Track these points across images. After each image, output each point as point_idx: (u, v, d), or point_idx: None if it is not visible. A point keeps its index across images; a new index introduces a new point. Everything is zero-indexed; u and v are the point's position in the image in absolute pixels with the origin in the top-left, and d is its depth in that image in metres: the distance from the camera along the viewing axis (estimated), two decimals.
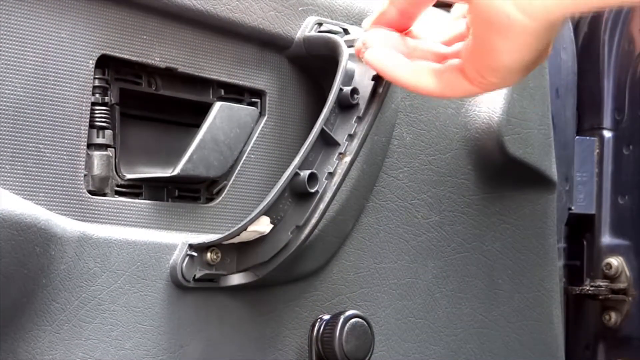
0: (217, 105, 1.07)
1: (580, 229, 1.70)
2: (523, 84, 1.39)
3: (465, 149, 1.33)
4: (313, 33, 1.13)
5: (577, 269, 1.71)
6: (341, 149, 1.03)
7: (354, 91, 1.05)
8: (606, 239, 1.70)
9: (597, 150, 1.71)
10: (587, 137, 1.71)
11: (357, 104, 1.05)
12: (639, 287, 1.68)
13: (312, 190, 1.01)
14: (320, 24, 1.14)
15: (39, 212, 0.90)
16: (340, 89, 1.04)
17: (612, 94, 1.76)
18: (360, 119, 1.04)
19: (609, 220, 1.70)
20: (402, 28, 0.92)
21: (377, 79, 1.03)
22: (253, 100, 1.13)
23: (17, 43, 0.93)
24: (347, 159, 1.03)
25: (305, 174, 1.01)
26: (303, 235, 1.02)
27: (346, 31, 1.13)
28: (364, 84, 1.07)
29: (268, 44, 1.12)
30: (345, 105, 1.05)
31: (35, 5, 0.94)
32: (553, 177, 1.44)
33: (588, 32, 1.81)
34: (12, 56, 0.92)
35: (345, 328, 1.09)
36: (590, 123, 1.74)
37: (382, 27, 0.92)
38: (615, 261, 1.68)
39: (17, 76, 0.93)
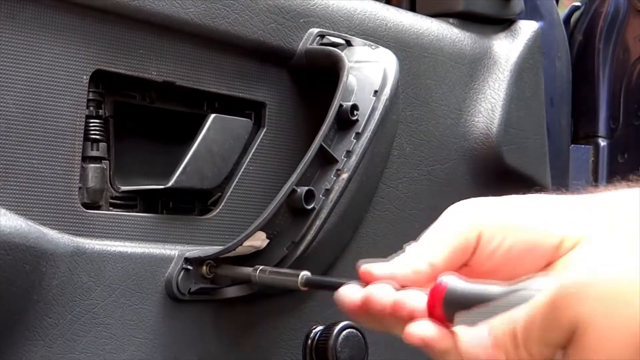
0: (211, 117, 1.01)
1: None
2: (520, 94, 1.33)
3: (464, 159, 1.27)
4: (315, 45, 1.07)
5: None
6: (339, 166, 0.99)
7: (354, 107, 1.00)
8: None
9: (592, 159, 1.64)
10: (582, 146, 1.64)
11: (357, 120, 0.99)
12: None
13: (309, 207, 0.96)
14: (322, 36, 1.08)
15: (28, 230, 0.84)
16: (340, 105, 0.99)
17: (607, 102, 1.68)
18: (359, 135, 1.00)
19: None
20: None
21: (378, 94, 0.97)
22: (247, 112, 1.07)
23: (10, 59, 0.87)
24: (345, 175, 0.98)
25: (302, 190, 0.96)
26: (299, 251, 0.97)
27: (349, 42, 1.07)
28: (365, 100, 1.01)
29: (269, 56, 1.06)
30: (345, 121, 1.00)
31: (29, 21, 0.88)
32: (547, 187, 1.38)
33: (583, 40, 1.73)
34: (5, 72, 0.86)
35: (339, 338, 1.04)
36: (586, 131, 1.66)
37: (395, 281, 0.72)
38: None
39: (10, 92, 0.87)
